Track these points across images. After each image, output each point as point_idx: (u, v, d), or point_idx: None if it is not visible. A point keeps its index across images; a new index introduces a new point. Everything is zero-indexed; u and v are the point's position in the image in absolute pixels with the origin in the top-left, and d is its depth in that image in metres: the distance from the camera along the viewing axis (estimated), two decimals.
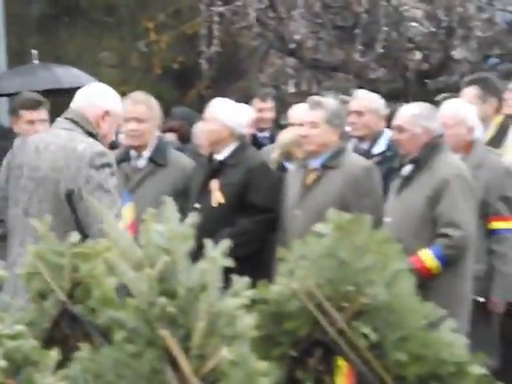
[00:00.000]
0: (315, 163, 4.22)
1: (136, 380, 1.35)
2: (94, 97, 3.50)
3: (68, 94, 7.42)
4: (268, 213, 4.28)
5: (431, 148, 3.99)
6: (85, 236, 3.22)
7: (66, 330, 1.71)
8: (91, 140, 3.41)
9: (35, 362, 1.45)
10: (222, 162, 4.41)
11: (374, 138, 4.91)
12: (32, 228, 2.80)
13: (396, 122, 4.14)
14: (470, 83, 4.64)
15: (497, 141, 4.46)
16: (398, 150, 4.23)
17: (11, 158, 3.49)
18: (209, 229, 4.11)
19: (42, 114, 4.77)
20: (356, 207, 3.91)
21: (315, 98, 4.47)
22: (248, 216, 4.27)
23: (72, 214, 3.30)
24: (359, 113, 4.88)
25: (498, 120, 4.54)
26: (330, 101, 4.34)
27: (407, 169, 4.05)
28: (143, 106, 4.42)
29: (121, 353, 1.37)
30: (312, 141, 4.18)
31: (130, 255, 1.47)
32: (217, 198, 4.33)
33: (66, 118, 3.45)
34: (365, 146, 4.94)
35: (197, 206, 4.33)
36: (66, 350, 1.55)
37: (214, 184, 4.36)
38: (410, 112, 4.08)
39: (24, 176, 3.38)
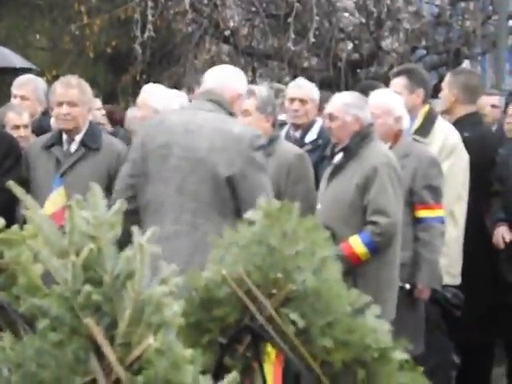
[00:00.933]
0: None
1: (59, 369, 1.34)
2: (231, 79, 3.58)
3: None
4: None
5: (361, 137, 4.04)
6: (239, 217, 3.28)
7: None
8: (242, 122, 3.56)
9: None
10: None
11: (308, 126, 4.95)
12: (188, 206, 3.04)
13: (327, 110, 4.18)
14: (398, 74, 4.72)
15: (424, 130, 4.54)
16: (329, 138, 4.27)
17: (145, 137, 3.48)
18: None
19: None
20: (289, 194, 3.95)
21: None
22: None
23: (231, 195, 3.33)
24: (303, 101, 4.94)
25: (424, 110, 4.62)
26: (261, 89, 4.35)
27: (338, 157, 4.10)
28: (76, 89, 4.36)
29: (44, 342, 1.35)
30: None
31: (54, 242, 1.45)
32: None
33: (207, 100, 3.49)
34: (297, 134, 4.98)
35: None
36: None
37: None
38: (341, 101, 4.12)
39: (174, 155, 3.39)
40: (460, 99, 4.81)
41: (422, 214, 4.15)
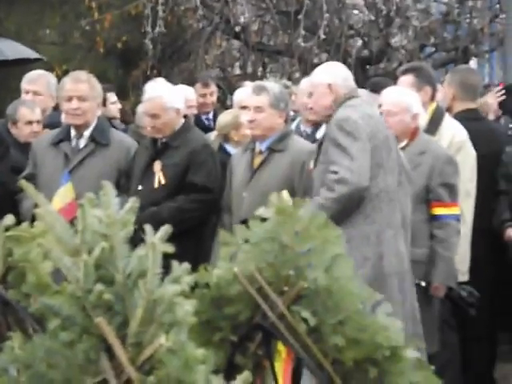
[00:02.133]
0: (262, 146, 4.22)
1: (69, 370, 1.32)
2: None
3: (10, 66, 7.22)
4: (207, 193, 4.27)
5: None
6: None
7: None
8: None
9: None
10: (165, 144, 4.37)
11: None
12: (401, 195, 3.73)
13: None
14: (405, 72, 4.71)
15: (432, 128, 4.52)
16: None
17: (373, 129, 3.74)
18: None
19: None
20: (302, 190, 3.94)
21: (259, 82, 4.47)
22: (187, 195, 4.25)
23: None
24: None
25: (432, 107, 4.61)
26: (273, 85, 4.34)
27: None
28: (85, 84, 4.36)
29: (54, 341, 1.34)
30: (258, 125, 4.17)
31: (66, 240, 1.43)
32: (159, 179, 4.30)
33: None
34: (308, 129, 4.96)
35: (140, 187, 4.29)
36: None
37: (157, 165, 4.33)
38: None
39: (393, 149, 3.78)
40: (458, 97, 4.80)
41: (438, 211, 4.13)
